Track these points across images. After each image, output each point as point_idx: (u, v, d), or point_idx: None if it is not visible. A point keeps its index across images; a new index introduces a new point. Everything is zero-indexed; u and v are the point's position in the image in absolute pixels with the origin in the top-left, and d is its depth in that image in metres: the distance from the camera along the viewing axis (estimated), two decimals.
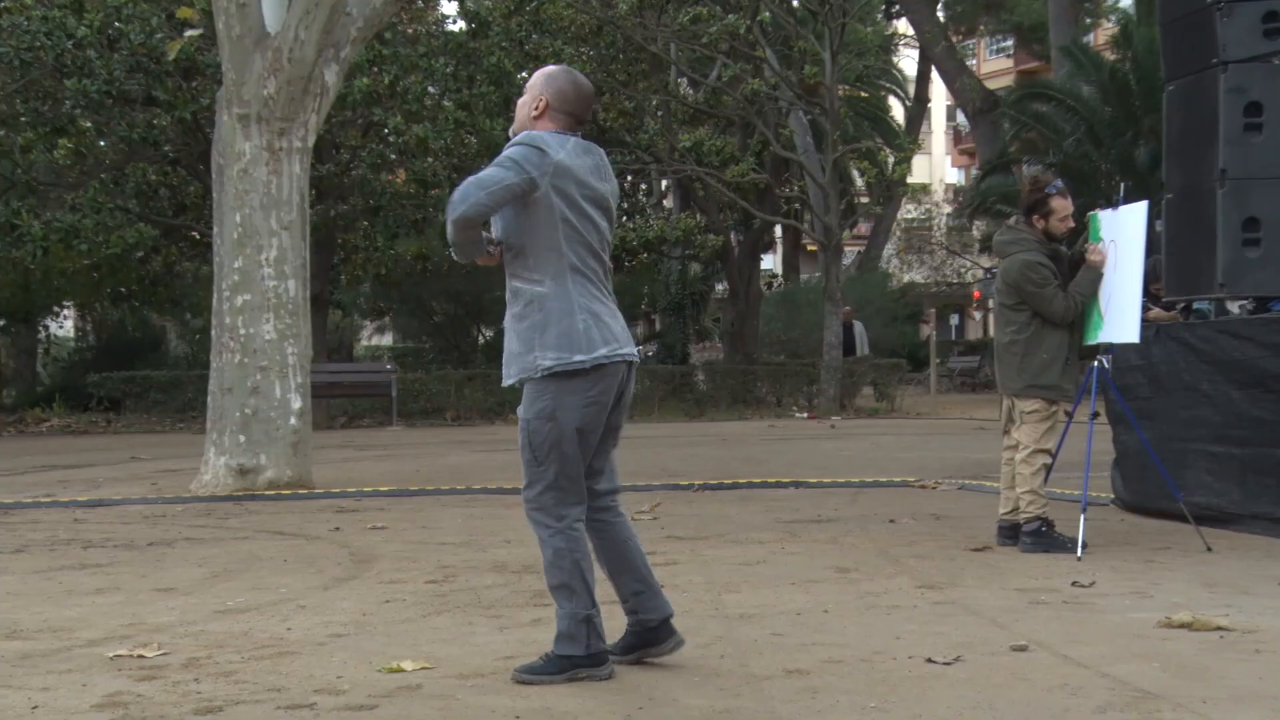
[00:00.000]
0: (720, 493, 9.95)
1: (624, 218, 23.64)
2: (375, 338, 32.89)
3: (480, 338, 25.63)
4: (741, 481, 10.50)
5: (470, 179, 4.05)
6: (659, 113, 21.67)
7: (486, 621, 5.07)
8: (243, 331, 10.26)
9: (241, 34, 10.25)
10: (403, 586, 5.89)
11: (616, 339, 4.15)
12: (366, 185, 20.07)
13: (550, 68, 4.32)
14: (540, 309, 4.11)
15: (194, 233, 20.72)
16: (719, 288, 29.05)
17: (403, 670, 4.22)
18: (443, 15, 22.76)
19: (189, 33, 15.59)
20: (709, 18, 20.36)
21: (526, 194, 4.03)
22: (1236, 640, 4.49)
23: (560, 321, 4.08)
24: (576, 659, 4.13)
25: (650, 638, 4.34)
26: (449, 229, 4.09)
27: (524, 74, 20.77)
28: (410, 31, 20.42)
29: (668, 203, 26.82)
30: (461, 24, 21.30)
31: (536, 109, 4.19)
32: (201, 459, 10.50)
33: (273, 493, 10.00)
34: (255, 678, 4.17)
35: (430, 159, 20.12)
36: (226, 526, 8.29)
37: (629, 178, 24.48)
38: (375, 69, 18.99)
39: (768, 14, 20.78)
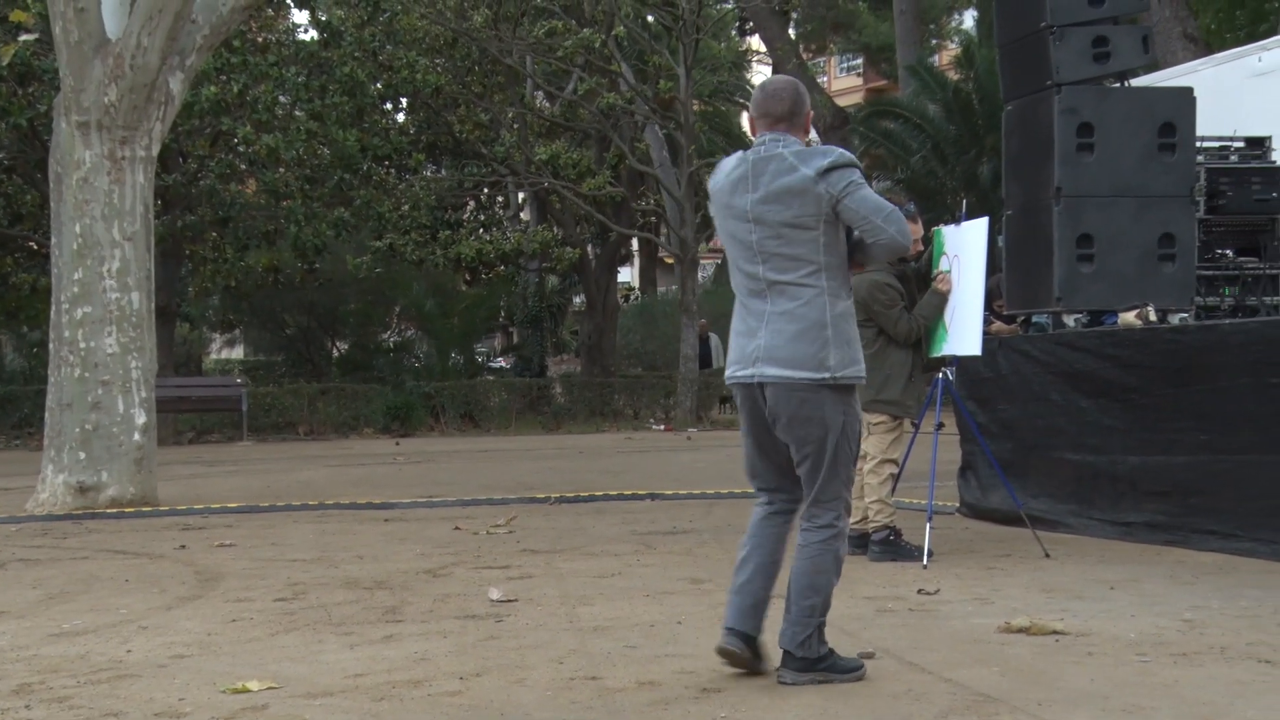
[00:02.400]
0: (576, 505, 9.95)
1: (480, 229, 23.52)
2: (225, 351, 32.12)
3: (335, 351, 25.21)
4: (598, 494, 10.51)
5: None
6: (515, 125, 21.62)
7: (337, 639, 4.98)
8: (83, 345, 9.94)
9: (80, 39, 9.94)
10: (250, 605, 5.76)
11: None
12: (215, 195, 19.62)
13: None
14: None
15: (30, 243, 20.01)
16: (576, 300, 29.07)
17: (248, 690, 4.13)
18: (294, 24, 22.38)
19: (23, 37, 15.07)
20: (564, 31, 20.41)
21: None
22: (1071, 643, 4.65)
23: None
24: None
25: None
26: None
27: (378, 84, 20.59)
28: (260, 40, 20.03)
29: (525, 215, 26.76)
30: (313, 33, 20.98)
31: (752, 133, 4.37)
32: (38, 477, 10.14)
33: (115, 511, 9.70)
34: (92, 702, 4.04)
35: (282, 169, 19.76)
36: (64, 546, 8.01)
37: (485, 190, 24.38)
38: (223, 77, 18.58)
39: (623, 29, 20.90)
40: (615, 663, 4.50)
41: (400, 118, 22.76)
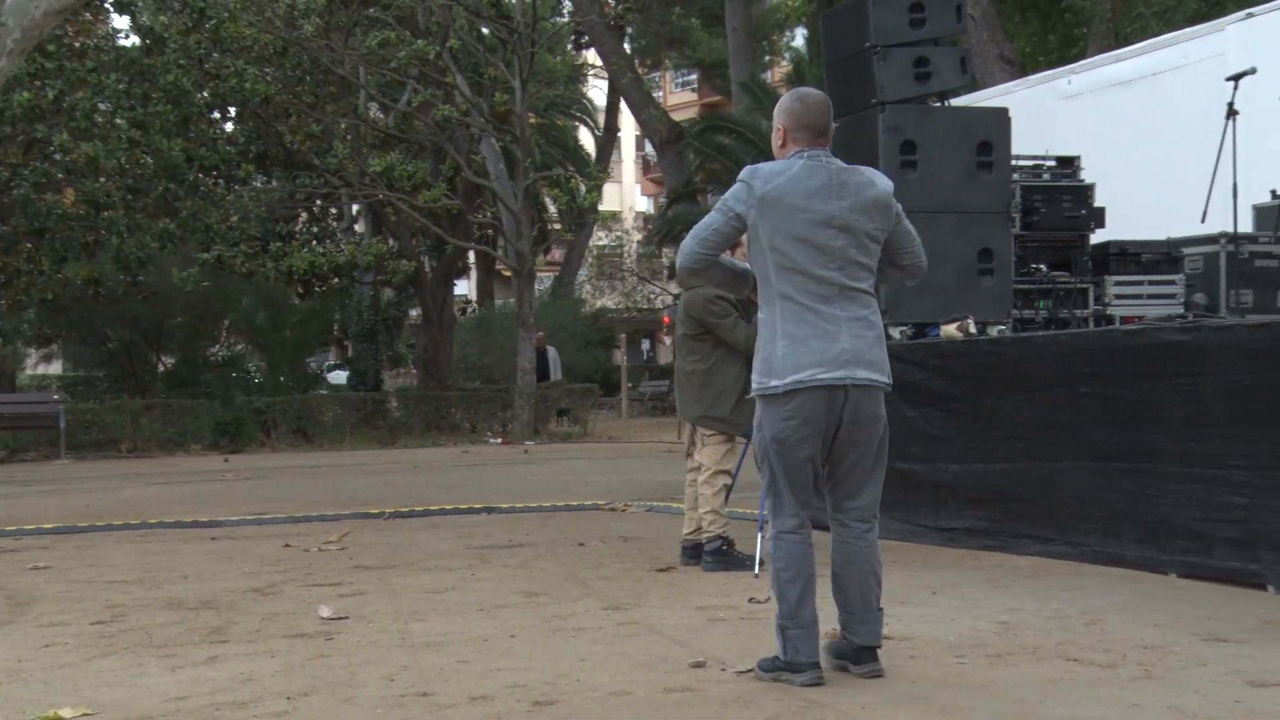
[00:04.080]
0: (411, 520, 9.84)
1: (313, 242, 23.11)
2: (42, 366, 30.90)
3: (160, 365, 24.45)
4: (433, 508, 10.41)
5: (693, 228, 4.35)
6: (348, 136, 21.30)
7: (157, 662, 4.83)
8: None
9: None
10: (65, 629, 5.55)
11: (820, 363, 4.18)
12: (30, 205, 18.87)
13: (784, 95, 4.50)
14: (759, 335, 4.34)
15: None
16: (412, 313, 28.77)
17: (60, 718, 3.97)
18: (114, 29, 21.65)
19: None
20: (398, 42, 20.19)
21: (740, 230, 4.29)
22: (894, 647, 4.77)
23: (764, 348, 4.29)
24: (779, 661, 4.31)
25: (851, 655, 4.37)
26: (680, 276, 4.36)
27: (204, 93, 20.07)
28: (77, 45, 19.35)
29: (359, 227, 26.39)
30: (135, 39, 20.35)
31: (780, 140, 4.36)
32: None
33: None
34: None
35: (102, 179, 19.11)
36: None
37: (318, 202, 23.96)
38: (37, 83, 17.90)
39: (457, 41, 20.78)
40: (447, 678, 4.46)
41: (228, 127, 22.21)
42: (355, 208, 25.63)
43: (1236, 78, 7.61)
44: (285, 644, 5.12)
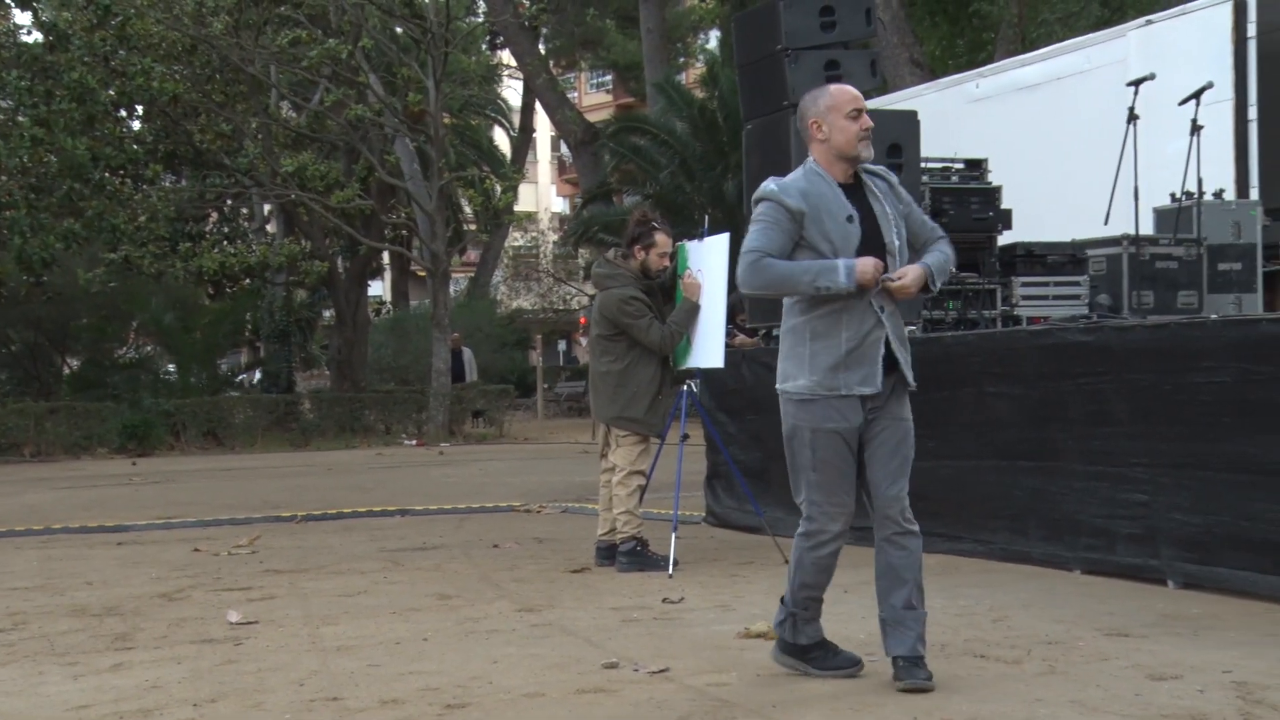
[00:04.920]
0: (323, 523, 9.73)
1: (223, 242, 22.76)
2: None
3: (65, 368, 23.92)
4: (346, 511, 10.31)
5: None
6: (259, 136, 21.00)
7: (60, 670, 4.73)
8: None
9: None
10: None
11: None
12: None
13: (812, 90, 4.49)
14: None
15: None
16: (326, 314, 28.46)
17: None
18: (15, 25, 21.15)
19: None
20: (310, 41, 19.94)
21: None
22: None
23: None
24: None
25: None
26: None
27: (110, 91, 19.67)
28: None
29: (271, 228, 26.02)
30: (38, 36, 19.90)
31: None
32: None
33: None
34: None
35: (4, 178, 18.65)
36: None
37: (228, 202, 23.61)
38: None
39: (370, 40, 20.58)
40: (358, 682, 4.42)
41: (135, 126, 21.79)
42: (267, 208, 25.27)
43: (1137, 83, 7.78)
44: (193, 650, 5.05)
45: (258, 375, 26.29)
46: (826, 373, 4.22)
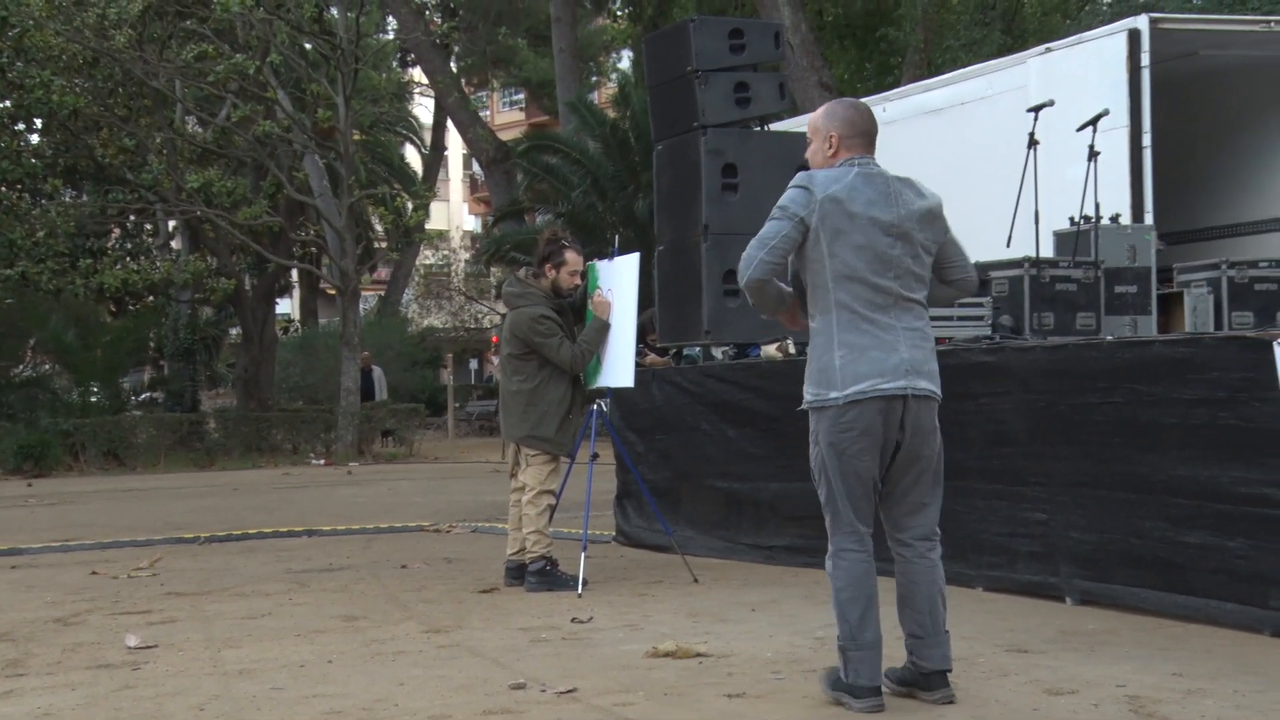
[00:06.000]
0: (227, 544, 9.57)
1: (126, 258, 22.35)
2: None
3: None
4: (251, 532, 10.16)
5: (753, 240, 4.17)
6: (164, 151, 20.67)
7: None
8: None
9: None
10: None
11: (882, 373, 4.09)
12: None
13: (827, 104, 4.39)
14: (812, 344, 4.21)
15: None
16: (233, 332, 28.06)
17: None
18: None
19: None
20: (216, 56, 19.68)
21: (804, 235, 4.13)
22: (713, 665, 4.84)
23: (820, 358, 4.18)
24: (841, 682, 4.18)
25: (921, 681, 4.23)
26: (746, 295, 4.24)
27: (6, 103, 19.24)
28: None
29: (176, 244, 25.61)
30: None
31: (830, 147, 4.25)
32: None
33: None
34: None
35: None
36: None
37: (131, 217, 23.20)
38: None
39: (278, 56, 20.37)
40: (260, 706, 4.36)
41: (34, 139, 21.34)
42: (172, 224, 24.88)
43: (1037, 109, 7.94)
44: (88, 675, 4.94)
45: (147, 395, 25.84)
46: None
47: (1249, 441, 5.18)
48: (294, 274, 30.86)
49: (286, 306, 38.33)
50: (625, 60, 36.56)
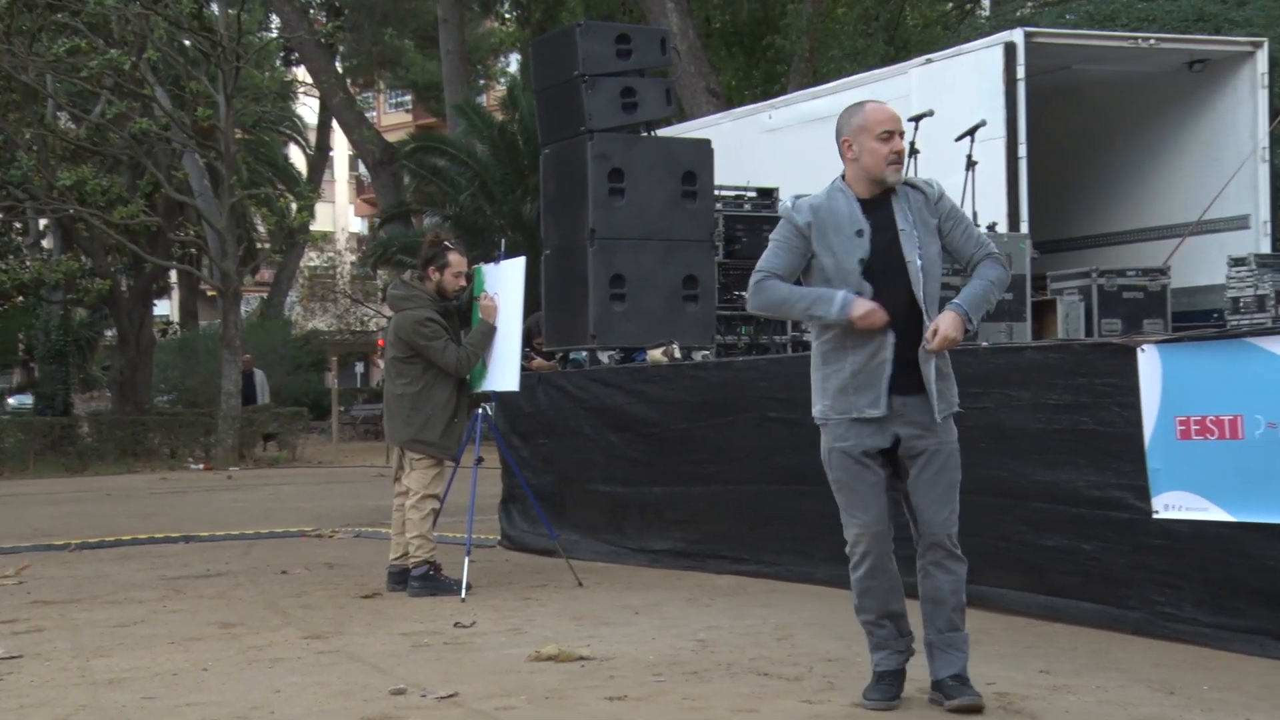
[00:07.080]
0: (100, 551, 9.32)
1: None
2: None
3: None
4: (125, 538, 9.89)
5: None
6: (34, 147, 20.07)
7: None
8: None
9: None
10: None
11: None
12: None
13: (849, 106, 4.38)
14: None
15: None
16: (108, 334, 27.36)
17: None
18: None
19: None
20: (89, 51, 19.17)
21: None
22: (595, 668, 4.84)
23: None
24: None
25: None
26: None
27: None
28: None
29: (47, 243, 24.89)
30: None
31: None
32: None
33: None
34: None
35: None
36: None
37: (0, 216, 22.50)
38: None
39: (155, 52, 19.90)
40: (130, 716, 4.26)
41: None
42: (43, 222, 24.19)
43: (917, 119, 8.10)
44: None
45: (14, 400, 25.12)
46: (836, 397, 4.22)
47: (1102, 445, 5.32)
48: (173, 275, 30.20)
49: (165, 308, 37.51)
50: (514, 63, 36.45)
